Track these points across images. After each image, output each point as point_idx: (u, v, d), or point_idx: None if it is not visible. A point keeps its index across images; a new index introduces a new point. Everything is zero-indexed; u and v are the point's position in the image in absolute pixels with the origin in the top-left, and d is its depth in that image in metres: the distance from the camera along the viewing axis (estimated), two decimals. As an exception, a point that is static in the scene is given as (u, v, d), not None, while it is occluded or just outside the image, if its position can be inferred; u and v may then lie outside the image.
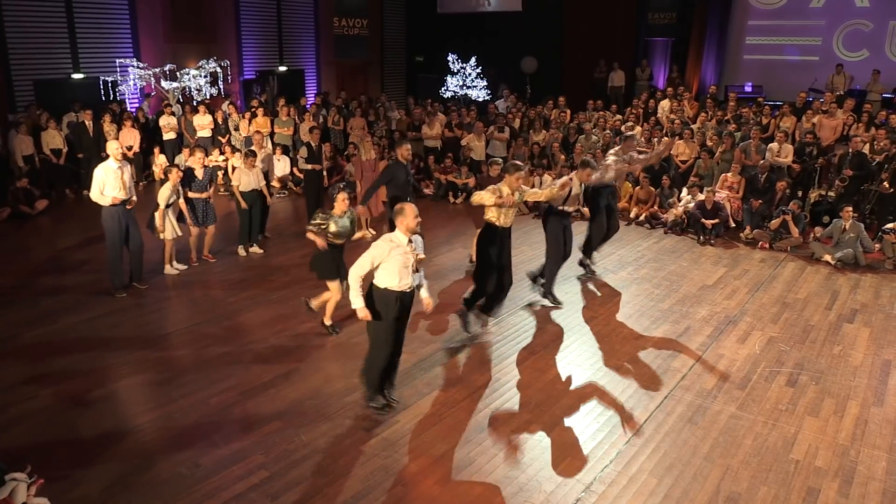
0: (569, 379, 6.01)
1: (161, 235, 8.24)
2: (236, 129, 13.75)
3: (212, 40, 16.29)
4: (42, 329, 6.86)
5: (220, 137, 13.70)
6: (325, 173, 10.57)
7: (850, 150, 10.46)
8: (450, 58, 19.20)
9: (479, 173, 12.49)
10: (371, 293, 5.13)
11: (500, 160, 9.55)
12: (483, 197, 6.44)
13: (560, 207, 7.47)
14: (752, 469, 4.77)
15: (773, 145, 11.27)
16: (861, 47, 16.41)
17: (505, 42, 19.12)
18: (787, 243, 9.77)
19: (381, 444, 4.98)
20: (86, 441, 4.99)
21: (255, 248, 9.35)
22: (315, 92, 18.00)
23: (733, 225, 10.57)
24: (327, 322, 6.83)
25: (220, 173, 13.25)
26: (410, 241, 5.08)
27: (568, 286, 8.26)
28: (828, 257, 9.21)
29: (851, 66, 15.34)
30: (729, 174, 10.99)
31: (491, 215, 6.55)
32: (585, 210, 8.79)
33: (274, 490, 4.47)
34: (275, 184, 12.08)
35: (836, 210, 9.96)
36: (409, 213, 5.06)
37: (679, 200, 11.02)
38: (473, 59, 19.03)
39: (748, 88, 17.15)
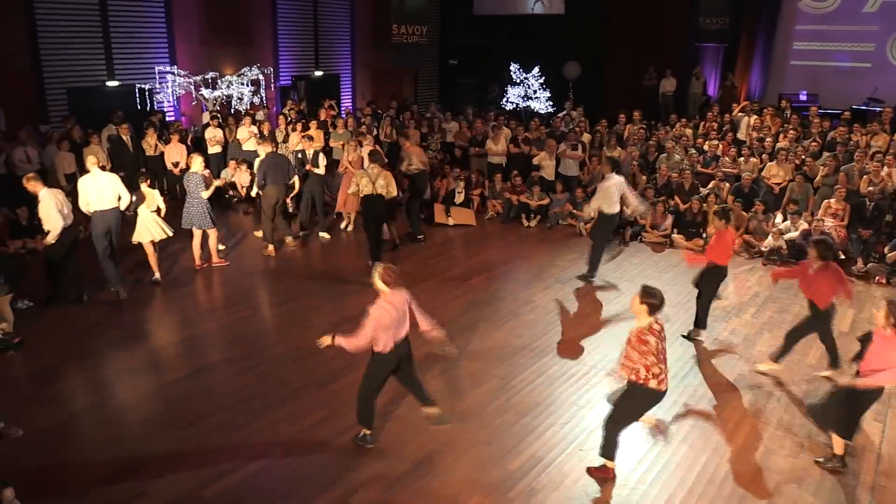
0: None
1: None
2: (284, 141, 12.80)
3: (248, 43, 15.35)
4: None
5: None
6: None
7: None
8: (512, 67, 18.00)
9: (551, 193, 11.66)
10: None
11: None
12: None
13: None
14: None
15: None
16: (916, 54, 15.87)
17: (546, 46, 18.28)
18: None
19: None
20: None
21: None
22: (350, 97, 17.12)
23: (843, 257, 9.80)
24: None
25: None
26: None
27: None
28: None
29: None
30: (832, 200, 10.25)
31: None
32: None
33: None
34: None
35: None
36: None
37: (774, 227, 10.32)
38: (536, 69, 17.80)
39: (803, 97, 16.52)
